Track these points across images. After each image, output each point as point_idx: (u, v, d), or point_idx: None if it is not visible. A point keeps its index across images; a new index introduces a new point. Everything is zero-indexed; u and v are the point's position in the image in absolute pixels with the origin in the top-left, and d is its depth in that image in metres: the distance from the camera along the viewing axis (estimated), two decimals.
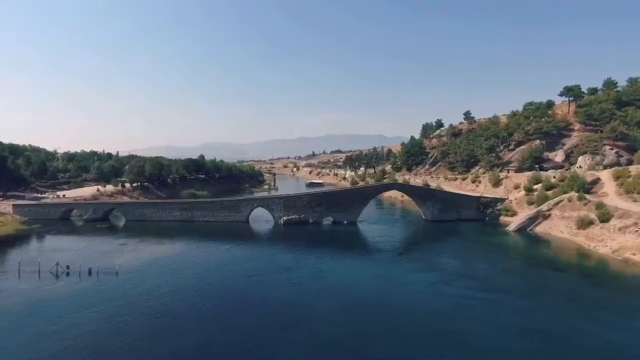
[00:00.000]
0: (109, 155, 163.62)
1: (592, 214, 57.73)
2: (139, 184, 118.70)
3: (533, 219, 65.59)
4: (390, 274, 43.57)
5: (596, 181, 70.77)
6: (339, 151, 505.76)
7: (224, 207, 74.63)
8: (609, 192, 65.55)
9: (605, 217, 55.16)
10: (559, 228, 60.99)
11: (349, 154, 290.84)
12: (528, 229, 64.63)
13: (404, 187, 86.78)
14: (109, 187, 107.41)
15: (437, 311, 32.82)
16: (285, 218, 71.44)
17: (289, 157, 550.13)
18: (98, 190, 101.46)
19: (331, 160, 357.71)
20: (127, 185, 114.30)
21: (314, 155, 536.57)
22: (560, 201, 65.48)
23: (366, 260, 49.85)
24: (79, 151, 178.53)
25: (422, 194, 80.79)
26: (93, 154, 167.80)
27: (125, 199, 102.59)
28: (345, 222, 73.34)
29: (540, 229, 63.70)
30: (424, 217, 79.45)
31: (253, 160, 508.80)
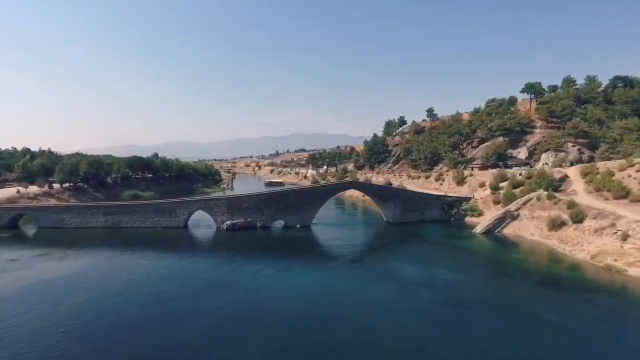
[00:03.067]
0: (42, 153, 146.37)
1: (563, 213, 52.83)
2: (71, 184, 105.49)
3: (501, 220, 60.30)
4: (341, 287, 36.57)
5: (564, 178, 66.61)
6: (303, 150, 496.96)
7: (158, 211, 64.32)
8: (578, 190, 61.29)
9: (578, 218, 50.24)
10: (529, 229, 55.80)
11: (312, 153, 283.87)
12: (496, 231, 59.25)
13: (364, 186, 79.74)
14: (33, 188, 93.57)
15: (395, 332, 26.94)
16: (228, 222, 62.40)
17: (251, 157, 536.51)
18: (18, 192, 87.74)
19: (295, 159, 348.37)
20: (57, 185, 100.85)
21: (277, 154, 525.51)
22: (529, 200, 60.59)
23: (315, 271, 41.92)
24: (9, 148, 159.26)
25: (382, 193, 73.87)
26: (26, 151, 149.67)
27: (52, 201, 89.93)
28: (298, 225, 65.26)
29: (509, 230, 58.41)
30: (385, 219, 72.69)
31: (215, 160, 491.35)
